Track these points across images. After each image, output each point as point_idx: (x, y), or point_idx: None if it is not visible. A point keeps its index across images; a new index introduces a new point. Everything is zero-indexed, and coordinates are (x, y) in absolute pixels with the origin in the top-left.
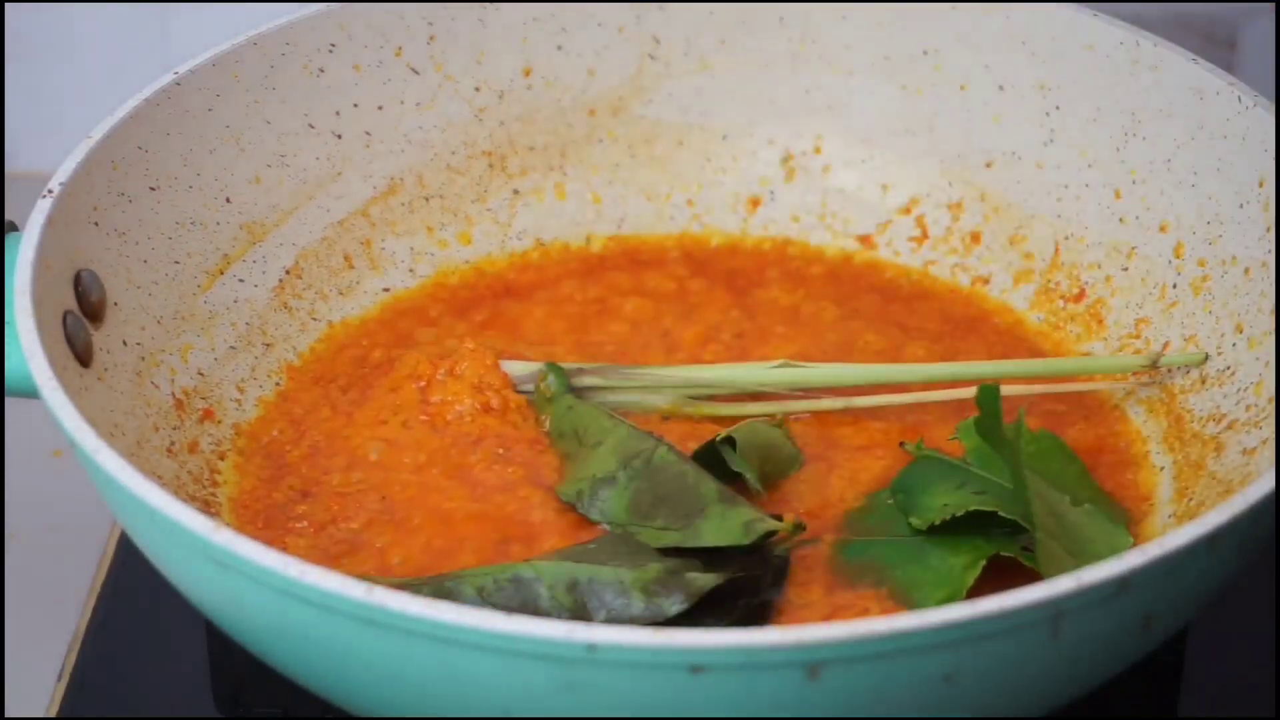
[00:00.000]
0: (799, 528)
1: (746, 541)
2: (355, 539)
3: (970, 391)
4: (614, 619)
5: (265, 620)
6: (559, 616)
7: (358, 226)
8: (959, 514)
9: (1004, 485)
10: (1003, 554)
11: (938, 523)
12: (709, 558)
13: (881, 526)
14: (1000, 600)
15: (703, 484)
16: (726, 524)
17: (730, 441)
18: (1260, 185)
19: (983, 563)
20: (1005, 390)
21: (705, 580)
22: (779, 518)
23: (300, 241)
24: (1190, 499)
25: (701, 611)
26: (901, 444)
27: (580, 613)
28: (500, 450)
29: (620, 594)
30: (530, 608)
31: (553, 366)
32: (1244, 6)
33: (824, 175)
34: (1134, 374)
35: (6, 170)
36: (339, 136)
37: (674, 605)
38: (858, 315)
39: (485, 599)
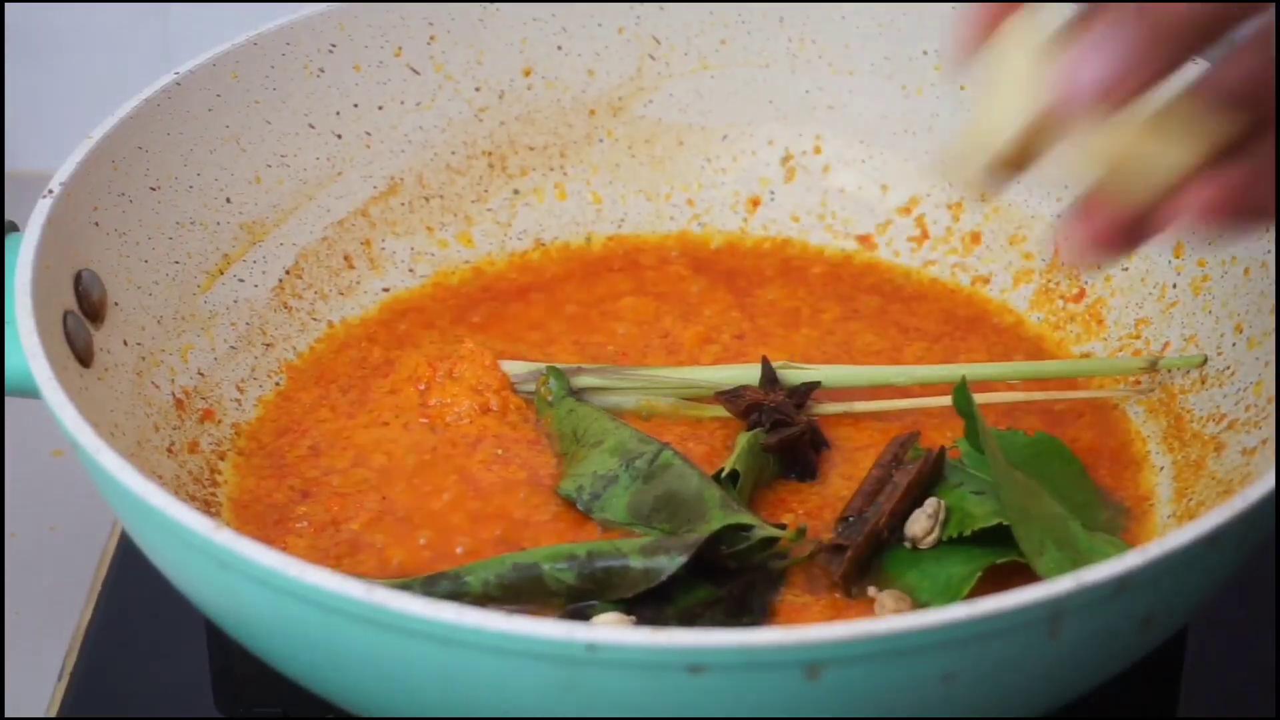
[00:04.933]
0: (800, 533)
1: (749, 541)
2: (355, 539)
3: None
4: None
5: (265, 620)
6: (562, 593)
7: (358, 226)
8: (965, 533)
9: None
10: (998, 562)
11: (944, 539)
12: (709, 572)
13: None
14: (999, 600)
15: (706, 490)
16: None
17: (734, 476)
18: None
19: (979, 574)
20: (1006, 394)
21: (700, 534)
22: (782, 528)
23: (300, 241)
24: (1190, 499)
25: (703, 618)
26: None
27: (582, 583)
28: (499, 450)
29: (618, 558)
30: (536, 588)
31: (553, 369)
32: None
33: (824, 175)
34: (1133, 376)
35: (6, 170)
36: (339, 136)
37: (674, 560)
38: (857, 315)
39: (488, 590)
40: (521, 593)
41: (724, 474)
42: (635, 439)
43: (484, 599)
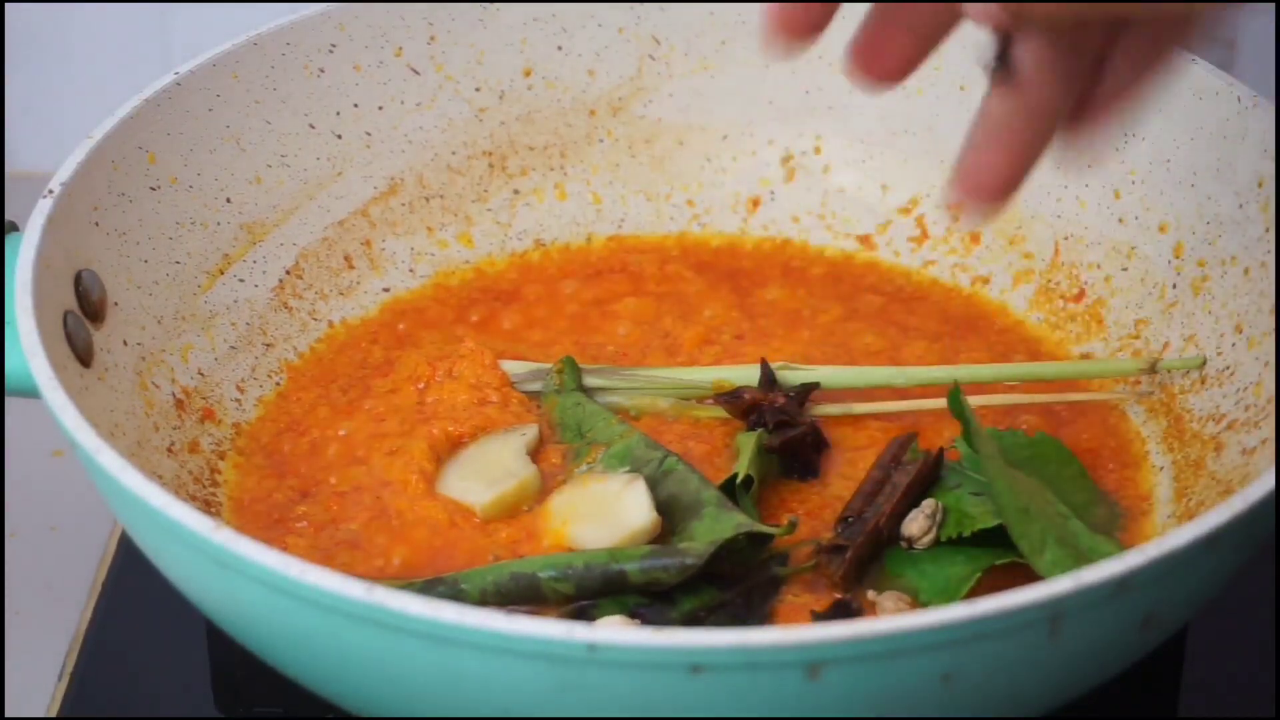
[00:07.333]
0: (792, 526)
1: (735, 537)
2: (355, 539)
3: (970, 395)
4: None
5: (265, 620)
6: (559, 602)
7: (358, 226)
8: (964, 534)
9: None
10: (998, 562)
11: (943, 540)
12: (712, 576)
13: None
14: (999, 600)
15: (704, 492)
16: (719, 525)
17: (748, 483)
18: (1259, 185)
19: (979, 574)
20: (1005, 394)
21: (700, 552)
22: (781, 526)
23: (300, 241)
24: (1190, 499)
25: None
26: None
27: (580, 594)
28: None
29: (615, 569)
30: (533, 597)
31: (568, 360)
32: (1244, 6)
33: (824, 175)
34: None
35: (6, 170)
36: (339, 136)
37: (672, 575)
38: (857, 316)
39: (485, 598)
40: (519, 601)
41: (739, 480)
42: (643, 444)
43: (481, 606)
